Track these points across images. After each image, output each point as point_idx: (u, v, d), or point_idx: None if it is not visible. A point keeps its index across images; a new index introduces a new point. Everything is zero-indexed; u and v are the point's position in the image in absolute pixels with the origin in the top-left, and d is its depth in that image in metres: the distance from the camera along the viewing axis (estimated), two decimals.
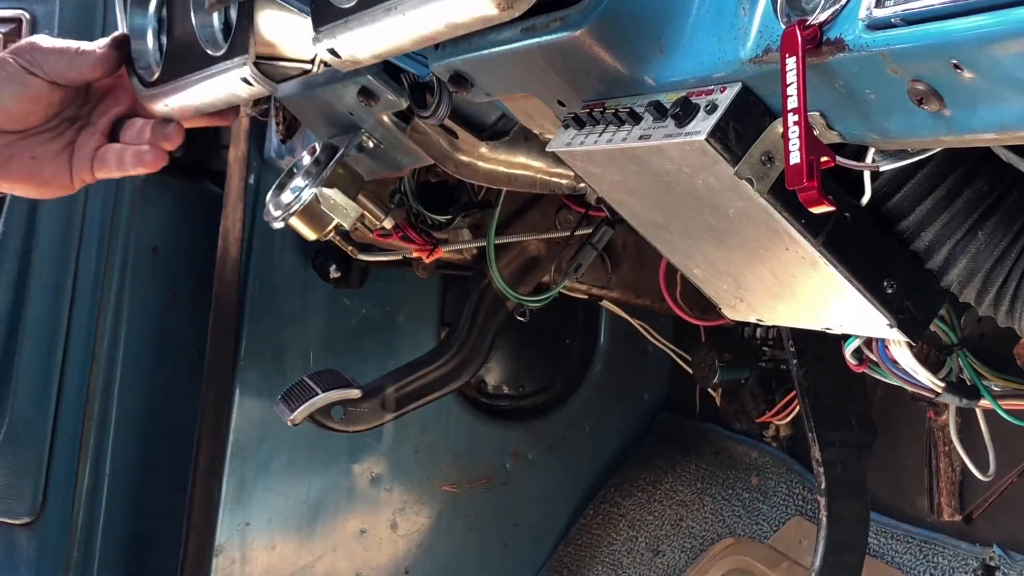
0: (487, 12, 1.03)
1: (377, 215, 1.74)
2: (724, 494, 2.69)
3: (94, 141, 1.55)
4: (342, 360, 2.58)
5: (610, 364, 2.93)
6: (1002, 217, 1.15)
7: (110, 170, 1.55)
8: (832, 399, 1.80)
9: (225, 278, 2.49)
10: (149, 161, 1.54)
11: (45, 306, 2.58)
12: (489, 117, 1.65)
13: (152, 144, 1.54)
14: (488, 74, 1.30)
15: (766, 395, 2.59)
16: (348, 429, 2.11)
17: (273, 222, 1.68)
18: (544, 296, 2.24)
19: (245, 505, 2.60)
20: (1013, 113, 0.85)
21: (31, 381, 2.57)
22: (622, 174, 1.20)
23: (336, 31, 1.15)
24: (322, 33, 1.16)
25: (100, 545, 2.56)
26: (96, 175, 1.56)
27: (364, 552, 2.73)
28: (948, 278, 1.17)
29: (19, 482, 2.59)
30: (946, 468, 2.12)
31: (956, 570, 2.08)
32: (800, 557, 2.44)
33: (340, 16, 1.13)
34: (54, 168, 1.54)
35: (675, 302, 2.20)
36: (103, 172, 1.56)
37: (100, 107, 1.57)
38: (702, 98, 1.05)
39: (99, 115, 1.57)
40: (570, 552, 2.87)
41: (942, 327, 1.49)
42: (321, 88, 1.63)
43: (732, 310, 1.36)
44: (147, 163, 1.54)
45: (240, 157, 2.44)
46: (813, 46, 0.92)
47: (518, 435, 2.86)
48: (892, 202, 1.15)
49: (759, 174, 1.06)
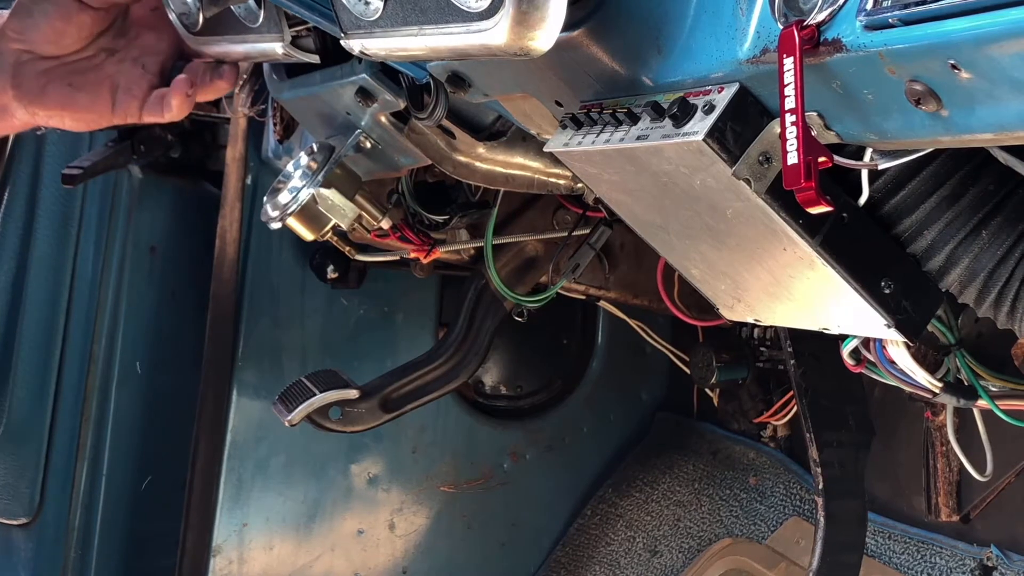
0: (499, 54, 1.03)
1: (375, 215, 1.74)
2: (722, 494, 2.69)
3: (145, 81, 1.54)
4: (340, 360, 2.58)
5: (608, 364, 2.93)
6: (1007, 217, 1.15)
7: (161, 116, 1.53)
8: (830, 399, 1.80)
9: (223, 278, 2.49)
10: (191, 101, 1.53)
11: (43, 306, 2.58)
12: (487, 117, 1.65)
13: (208, 85, 1.53)
14: (486, 74, 1.30)
15: (764, 395, 2.59)
16: (346, 429, 2.11)
17: (271, 222, 1.68)
18: (542, 296, 2.23)
19: (243, 505, 2.60)
20: (1011, 113, 0.85)
21: (29, 381, 2.57)
22: (620, 174, 1.20)
23: (363, 36, 1.15)
24: (351, 36, 1.16)
25: (98, 545, 2.56)
26: (145, 118, 1.54)
27: (362, 552, 2.73)
28: (949, 278, 1.17)
29: (17, 482, 2.59)
30: (944, 468, 2.12)
31: (953, 570, 2.08)
32: (798, 557, 2.44)
33: (366, 27, 1.13)
34: (91, 98, 1.52)
35: (673, 302, 2.20)
36: (154, 117, 1.54)
37: (140, 42, 1.55)
38: (700, 98, 1.05)
39: (142, 51, 1.55)
40: (568, 552, 2.87)
41: (940, 327, 1.49)
42: (318, 88, 1.63)
43: (730, 310, 1.36)
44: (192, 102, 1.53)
45: (238, 157, 2.44)
46: (811, 46, 0.92)
47: (516, 435, 2.86)
48: (894, 200, 1.15)
49: (757, 174, 1.06)
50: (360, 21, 1.13)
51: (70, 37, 1.50)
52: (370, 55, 1.17)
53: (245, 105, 2.26)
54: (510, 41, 0.99)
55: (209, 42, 1.49)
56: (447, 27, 1.03)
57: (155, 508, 2.61)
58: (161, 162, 2.59)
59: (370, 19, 1.11)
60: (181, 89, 1.50)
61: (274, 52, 1.41)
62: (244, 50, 1.45)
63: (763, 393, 2.59)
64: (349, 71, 1.53)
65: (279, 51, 1.39)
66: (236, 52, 1.48)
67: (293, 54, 1.40)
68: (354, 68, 1.52)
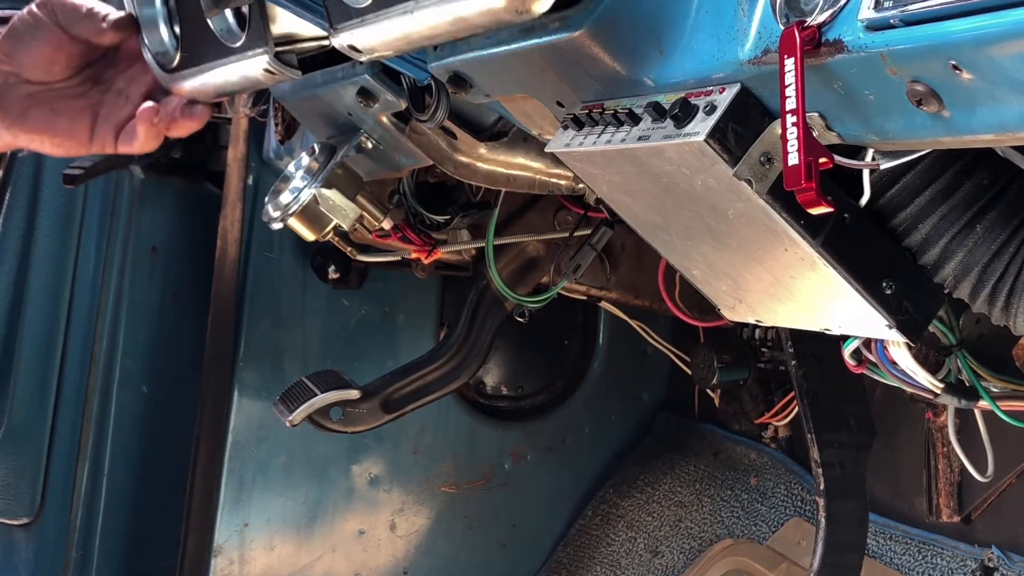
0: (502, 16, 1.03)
1: (376, 216, 1.74)
2: (723, 495, 2.69)
3: (125, 111, 1.54)
4: (341, 361, 2.58)
5: (609, 365, 2.93)
6: (1002, 211, 1.14)
7: (131, 146, 1.54)
8: (831, 400, 1.80)
9: (224, 278, 2.49)
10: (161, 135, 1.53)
11: (44, 306, 2.58)
12: (488, 118, 1.65)
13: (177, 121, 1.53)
14: (487, 75, 1.30)
15: (765, 396, 2.59)
16: (347, 430, 2.11)
17: (272, 223, 1.68)
18: (543, 297, 2.24)
19: (244, 506, 2.60)
20: (1012, 114, 0.85)
21: (30, 381, 2.57)
22: (621, 175, 1.20)
23: (353, 28, 1.14)
24: (339, 30, 1.16)
25: (99, 545, 2.56)
26: (119, 148, 1.55)
27: (363, 553, 2.73)
28: (943, 272, 1.17)
29: (18, 482, 2.59)
30: (945, 469, 2.12)
31: (955, 571, 2.08)
32: (799, 558, 2.44)
33: (356, 15, 1.12)
34: (71, 124, 1.53)
35: (674, 303, 2.20)
36: (126, 147, 1.55)
37: (129, 72, 1.56)
38: (701, 99, 1.05)
39: (128, 82, 1.56)
40: (569, 553, 2.87)
41: (941, 328, 1.49)
42: (320, 89, 1.63)
43: (731, 311, 1.36)
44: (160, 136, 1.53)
45: (239, 158, 2.44)
46: (812, 47, 0.92)
47: (517, 436, 2.86)
48: (889, 194, 1.15)
49: (758, 175, 1.06)
50: (351, 10, 1.13)
51: (59, 65, 1.51)
52: (361, 50, 1.16)
53: (247, 106, 2.26)
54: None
55: (185, 77, 1.48)
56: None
57: (156, 508, 2.61)
58: (162, 162, 2.60)
59: (362, 6, 1.11)
60: (146, 118, 1.50)
61: (255, 72, 1.39)
62: (222, 79, 1.44)
63: (764, 394, 2.59)
64: (351, 72, 1.53)
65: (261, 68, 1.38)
66: (212, 84, 1.46)
67: (276, 69, 1.38)
68: (355, 69, 1.52)
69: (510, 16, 1.00)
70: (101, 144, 1.55)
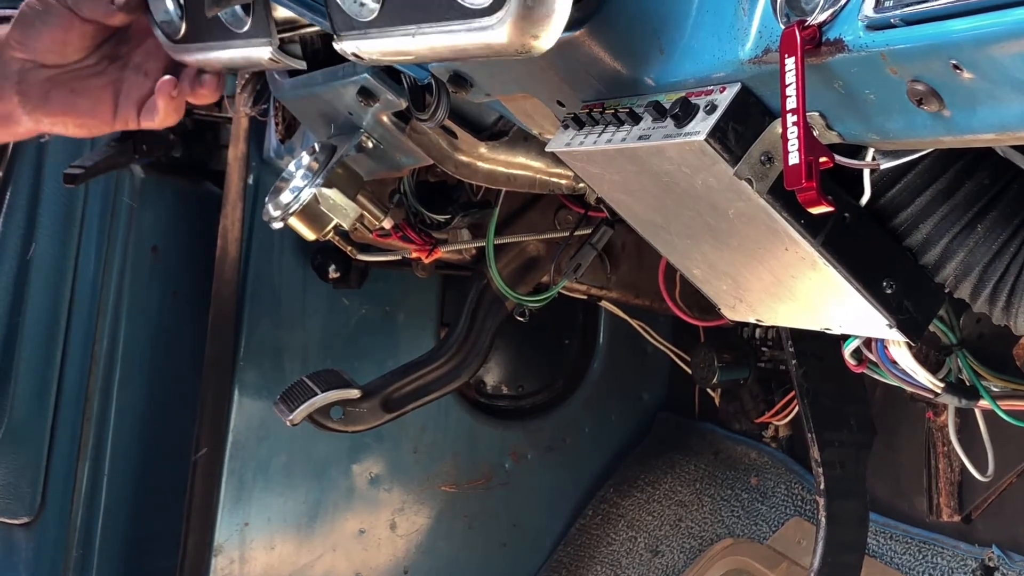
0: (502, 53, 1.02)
1: (376, 215, 1.74)
2: (723, 494, 2.69)
3: (146, 87, 1.54)
4: (341, 360, 2.58)
5: (609, 364, 2.93)
6: (1003, 211, 1.15)
7: (153, 121, 1.54)
8: (831, 399, 1.80)
9: (224, 278, 2.49)
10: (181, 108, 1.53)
11: (44, 305, 2.57)
12: (488, 117, 1.65)
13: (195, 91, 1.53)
14: (487, 74, 1.30)
15: (765, 395, 2.59)
16: (347, 429, 2.11)
17: (272, 222, 1.68)
18: (543, 296, 2.24)
19: (244, 505, 2.60)
20: (1013, 114, 0.85)
21: (30, 380, 2.57)
22: (621, 174, 1.20)
23: (357, 39, 1.14)
24: (343, 37, 1.16)
25: (99, 545, 2.56)
26: (142, 124, 1.55)
27: (363, 552, 2.73)
28: (944, 272, 1.17)
29: (18, 482, 2.59)
30: (945, 468, 2.12)
31: (955, 571, 2.08)
32: (799, 557, 2.44)
33: (360, 27, 1.12)
34: (93, 104, 1.53)
35: (674, 302, 2.20)
36: (148, 123, 1.54)
37: (144, 47, 1.56)
38: (701, 98, 1.05)
39: (145, 56, 1.55)
40: (569, 552, 2.87)
41: (941, 327, 1.49)
42: (320, 88, 1.63)
43: (731, 310, 1.36)
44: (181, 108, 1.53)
45: (239, 157, 2.44)
46: (812, 46, 0.92)
47: (517, 435, 2.86)
48: (890, 194, 1.15)
49: (758, 174, 1.06)
50: (354, 22, 1.13)
51: (72, 46, 1.51)
52: (363, 58, 1.16)
53: (247, 105, 2.26)
54: (512, 39, 0.98)
55: (190, 50, 1.48)
56: (447, 25, 1.03)
57: (156, 508, 2.61)
58: (163, 162, 2.59)
59: (365, 20, 1.11)
60: (165, 91, 1.50)
61: (260, 58, 1.40)
62: (227, 57, 1.44)
63: (764, 393, 2.59)
64: (351, 71, 1.53)
65: (265, 56, 1.38)
66: (218, 60, 1.47)
67: (280, 59, 1.39)
68: (356, 68, 1.52)
69: (511, 53, 1.00)
70: (124, 121, 1.54)
